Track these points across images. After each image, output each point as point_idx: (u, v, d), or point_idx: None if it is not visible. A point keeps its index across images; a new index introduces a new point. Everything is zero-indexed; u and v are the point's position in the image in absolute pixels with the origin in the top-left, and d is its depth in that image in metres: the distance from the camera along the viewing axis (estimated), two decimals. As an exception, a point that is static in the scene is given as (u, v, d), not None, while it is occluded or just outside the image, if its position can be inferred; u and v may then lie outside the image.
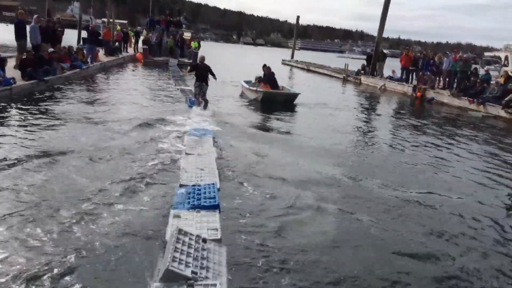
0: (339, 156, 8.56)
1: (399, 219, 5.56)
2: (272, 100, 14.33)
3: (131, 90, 15.29)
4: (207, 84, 12.20)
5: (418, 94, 19.99)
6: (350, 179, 7.13)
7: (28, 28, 15.28)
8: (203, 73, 12.09)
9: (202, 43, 34.48)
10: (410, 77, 23.23)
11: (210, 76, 12.21)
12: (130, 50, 30.96)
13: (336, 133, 10.98)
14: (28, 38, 15.26)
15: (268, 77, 15.08)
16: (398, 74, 24.60)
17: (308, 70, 38.55)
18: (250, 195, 5.97)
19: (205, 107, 12.11)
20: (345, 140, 10.20)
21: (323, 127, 11.59)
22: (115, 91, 14.74)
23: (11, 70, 13.20)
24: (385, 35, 29.27)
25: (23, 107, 10.38)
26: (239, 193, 5.98)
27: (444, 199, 6.50)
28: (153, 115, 10.97)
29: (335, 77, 31.45)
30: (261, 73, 15.58)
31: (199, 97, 12.20)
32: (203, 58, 12.65)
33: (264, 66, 15.50)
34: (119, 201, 5.24)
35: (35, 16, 16.50)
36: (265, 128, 10.92)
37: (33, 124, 8.74)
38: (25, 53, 14.13)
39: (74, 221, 4.62)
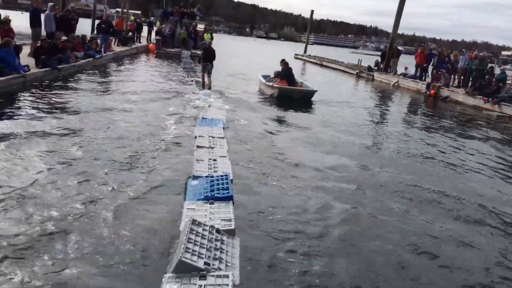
0: (354, 151, 8.51)
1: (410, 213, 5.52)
2: (288, 96, 13.98)
3: (143, 79, 15.38)
4: (211, 64, 14.32)
5: (432, 92, 19.75)
6: (366, 172, 7.14)
7: (43, 16, 15.36)
8: (209, 55, 14.28)
9: (215, 35, 34.44)
10: (424, 74, 23.00)
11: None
12: (143, 40, 31.06)
13: (351, 130, 10.80)
14: (43, 26, 15.34)
15: (285, 73, 14.87)
16: (411, 71, 24.36)
17: (321, 65, 38.31)
18: (264, 185, 5.98)
19: (209, 86, 14.25)
20: (361, 137, 10.10)
21: (337, 123, 11.43)
22: (127, 80, 14.81)
23: (25, 58, 13.25)
24: (399, 31, 28.93)
25: (37, 93, 10.44)
26: (252, 184, 5.98)
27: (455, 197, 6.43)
28: (165, 104, 11.10)
29: (348, 72, 31.20)
30: (275, 67, 15.39)
31: (205, 76, 14.40)
32: (210, 43, 15.96)
33: (282, 61, 15.27)
34: (131, 190, 5.25)
35: (51, 4, 16.55)
36: (278, 121, 10.87)
37: (46, 107, 8.80)
38: (39, 41, 14.21)
39: (80, 211, 4.64)
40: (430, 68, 22.85)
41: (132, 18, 31.89)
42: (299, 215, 5.10)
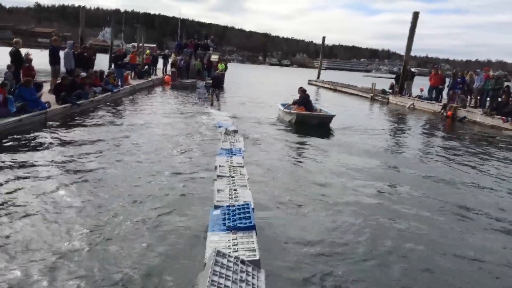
0: (377, 174, 8.46)
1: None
2: (306, 122, 14.10)
3: (159, 110, 15.70)
4: (220, 89, 18.61)
5: (449, 113, 19.61)
6: (391, 196, 7.10)
7: (62, 54, 15.82)
8: (217, 82, 19.04)
9: (228, 65, 34.90)
10: (440, 96, 22.90)
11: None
12: (159, 73, 31.75)
13: (372, 153, 10.73)
14: (63, 63, 15.78)
15: (302, 99, 15.07)
16: (427, 92, 24.28)
17: (335, 90, 38.43)
18: (287, 213, 5.97)
19: (218, 107, 17.37)
20: (382, 159, 10.07)
21: (357, 147, 11.34)
22: (143, 111, 15.12)
23: (45, 94, 13.59)
24: (412, 53, 28.98)
25: (58, 128, 10.66)
26: (275, 212, 5.98)
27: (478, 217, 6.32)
28: (183, 133, 11.31)
29: (362, 96, 31.24)
30: (290, 94, 15.55)
31: (214, 98, 18.29)
32: (219, 71, 22.70)
33: (300, 88, 15.62)
34: (151, 223, 5.27)
35: (70, 42, 17.06)
36: (297, 147, 10.90)
37: (66, 141, 8.96)
38: (59, 78, 14.61)
39: (108, 238, 4.69)
40: (446, 89, 22.80)
41: (148, 51, 32.62)
42: (325, 243, 5.05)
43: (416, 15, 26.07)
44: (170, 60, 31.38)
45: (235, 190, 6.11)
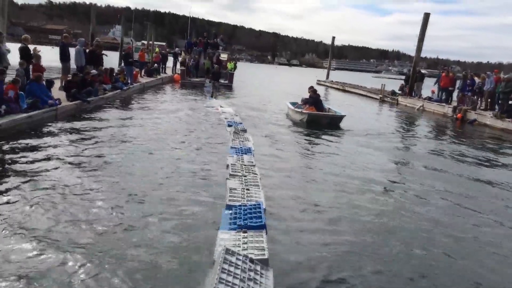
0: (386, 176, 8.41)
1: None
2: (317, 122, 14.29)
3: (168, 107, 15.74)
4: (218, 82, 24.13)
5: (459, 115, 19.49)
6: (404, 200, 7.04)
7: (72, 50, 15.91)
8: (216, 75, 23.87)
9: (237, 64, 34.92)
10: (450, 98, 22.76)
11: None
12: (168, 71, 31.85)
13: (381, 153, 10.69)
14: (73, 60, 15.88)
15: (313, 99, 15.18)
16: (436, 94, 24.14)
17: (344, 91, 38.32)
18: (297, 213, 5.96)
19: (216, 97, 20.60)
20: (391, 160, 10.07)
21: (368, 148, 11.28)
22: (152, 109, 15.18)
23: (56, 91, 13.68)
24: (422, 54, 28.79)
25: (68, 125, 10.72)
26: (285, 211, 5.96)
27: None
28: (192, 129, 11.47)
29: (371, 97, 31.12)
30: (300, 93, 15.63)
31: (214, 90, 21.81)
32: (217, 68, 27.49)
33: (310, 88, 15.74)
34: (163, 219, 5.30)
35: (82, 39, 17.12)
36: (308, 147, 10.89)
37: (75, 138, 9.02)
38: (70, 75, 14.69)
39: (119, 233, 4.72)
40: (456, 91, 22.67)
41: (157, 49, 32.72)
42: (330, 243, 5.04)
43: (427, 16, 25.88)
44: (180, 59, 31.45)
45: (247, 189, 6.14)
